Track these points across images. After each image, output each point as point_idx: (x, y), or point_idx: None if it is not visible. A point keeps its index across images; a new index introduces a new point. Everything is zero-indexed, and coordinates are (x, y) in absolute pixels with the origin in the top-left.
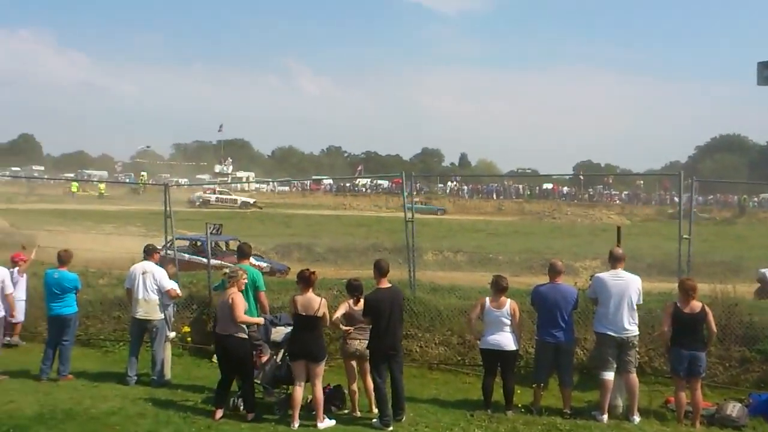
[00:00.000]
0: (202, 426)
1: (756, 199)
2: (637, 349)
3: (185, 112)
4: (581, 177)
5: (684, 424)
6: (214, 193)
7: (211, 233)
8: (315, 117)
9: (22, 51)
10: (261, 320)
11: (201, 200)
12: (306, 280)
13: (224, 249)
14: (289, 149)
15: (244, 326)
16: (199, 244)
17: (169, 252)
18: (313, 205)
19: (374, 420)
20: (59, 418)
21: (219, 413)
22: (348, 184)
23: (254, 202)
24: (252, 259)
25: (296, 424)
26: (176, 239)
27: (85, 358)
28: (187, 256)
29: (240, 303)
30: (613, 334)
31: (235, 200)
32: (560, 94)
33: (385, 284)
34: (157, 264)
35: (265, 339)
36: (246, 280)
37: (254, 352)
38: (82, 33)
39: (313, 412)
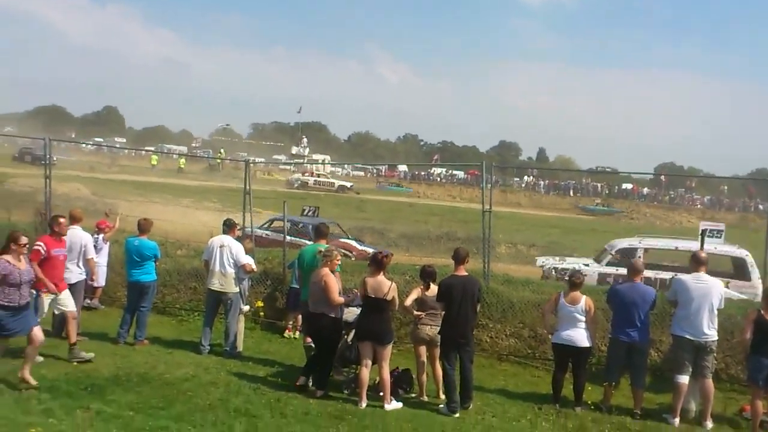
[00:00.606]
0: (271, 398)
1: None
2: (715, 354)
3: (265, 93)
4: (663, 178)
5: None
6: (312, 176)
7: (307, 215)
8: (393, 104)
9: (111, 26)
10: (343, 300)
11: (299, 182)
12: (378, 263)
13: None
14: (365, 135)
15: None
16: (301, 225)
17: (268, 233)
18: (386, 191)
19: (441, 406)
20: (134, 381)
21: (302, 380)
22: (423, 173)
23: (351, 186)
24: (356, 244)
25: (363, 404)
26: (276, 220)
27: (161, 325)
28: (289, 237)
29: (333, 284)
30: (691, 337)
31: (333, 183)
32: (644, 94)
33: (462, 272)
34: (235, 238)
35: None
36: (339, 261)
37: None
38: (168, 10)
39: (381, 393)
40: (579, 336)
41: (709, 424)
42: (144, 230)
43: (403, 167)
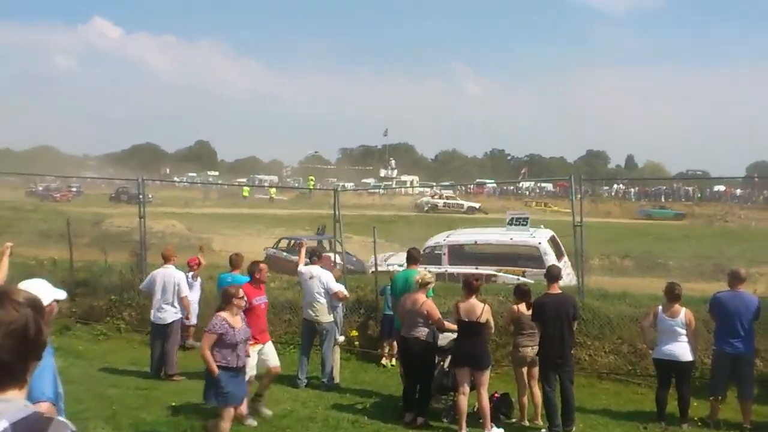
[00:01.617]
0: (370, 431)
1: None
2: None
3: (351, 116)
4: (756, 178)
5: None
6: (442, 198)
7: (319, 233)
8: (478, 120)
9: (202, 60)
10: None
11: (430, 205)
12: (469, 287)
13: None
14: (452, 153)
15: (433, 329)
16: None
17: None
18: (476, 209)
19: (543, 430)
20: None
21: (408, 416)
22: (512, 188)
23: (479, 206)
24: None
25: None
26: (282, 239)
27: None
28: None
29: (433, 307)
30: None
31: (462, 205)
32: (732, 93)
33: (555, 290)
34: (324, 268)
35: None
36: (432, 285)
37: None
38: (252, 41)
39: (480, 420)
40: (681, 350)
41: None
42: (236, 266)
43: (491, 183)
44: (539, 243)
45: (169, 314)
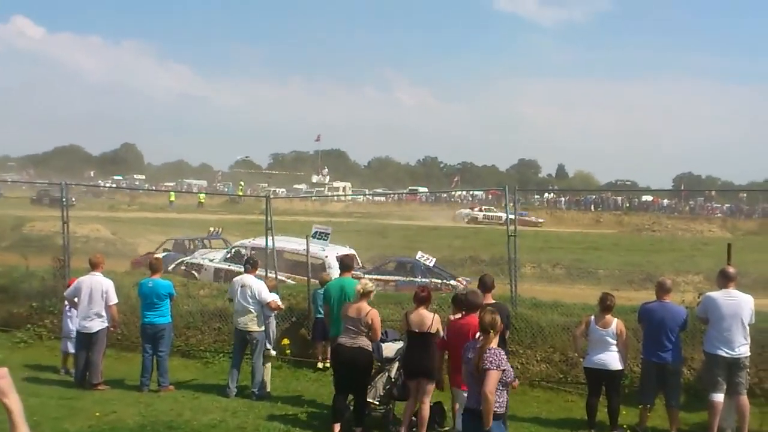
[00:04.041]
0: None
1: None
2: (748, 369)
3: (283, 122)
4: (683, 190)
5: None
6: (481, 211)
7: (211, 236)
8: (411, 127)
9: (126, 62)
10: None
11: (469, 216)
12: (418, 298)
13: (209, 247)
14: (385, 159)
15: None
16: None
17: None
18: (409, 215)
19: None
20: (161, 430)
21: (337, 427)
22: (444, 195)
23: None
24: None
25: None
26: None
27: (186, 369)
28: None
29: (377, 318)
30: (724, 354)
31: (500, 217)
32: (659, 105)
33: (489, 299)
34: (257, 277)
35: (377, 355)
36: (374, 293)
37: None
38: (181, 45)
39: (414, 429)
40: (611, 359)
41: None
42: (156, 269)
43: (423, 191)
44: (326, 257)
45: (96, 323)
